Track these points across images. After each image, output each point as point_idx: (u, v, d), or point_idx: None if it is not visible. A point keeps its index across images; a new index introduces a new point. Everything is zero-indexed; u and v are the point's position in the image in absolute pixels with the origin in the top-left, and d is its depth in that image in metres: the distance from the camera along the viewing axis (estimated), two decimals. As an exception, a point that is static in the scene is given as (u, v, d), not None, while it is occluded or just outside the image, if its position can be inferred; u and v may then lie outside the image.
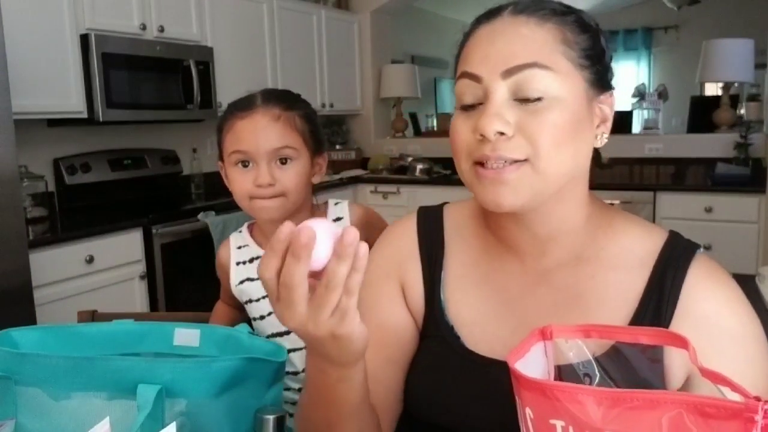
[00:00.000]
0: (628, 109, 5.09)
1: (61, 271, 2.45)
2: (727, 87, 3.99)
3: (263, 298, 1.18)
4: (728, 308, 0.69)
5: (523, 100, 0.66)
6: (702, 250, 0.73)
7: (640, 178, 3.95)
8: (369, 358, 0.65)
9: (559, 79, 0.67)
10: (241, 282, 1.22)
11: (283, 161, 1.11)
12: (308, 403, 0.68)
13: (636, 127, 5.29)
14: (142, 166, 3.37)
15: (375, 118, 4.92)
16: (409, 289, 0.82)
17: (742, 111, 4.68)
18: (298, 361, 1.17)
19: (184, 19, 3.26)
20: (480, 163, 0.68)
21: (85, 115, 2.80)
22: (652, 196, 3.55)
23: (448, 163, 4.30)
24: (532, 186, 0.67)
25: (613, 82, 0.74)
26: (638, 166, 4.07)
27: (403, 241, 0.84)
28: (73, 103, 2.75)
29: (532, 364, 0.58)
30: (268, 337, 1.18)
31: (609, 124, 0.73)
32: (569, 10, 0.71)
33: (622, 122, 4.61)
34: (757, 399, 0.44)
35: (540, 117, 0.66)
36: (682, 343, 0.57)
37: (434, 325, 0.79)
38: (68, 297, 2.45)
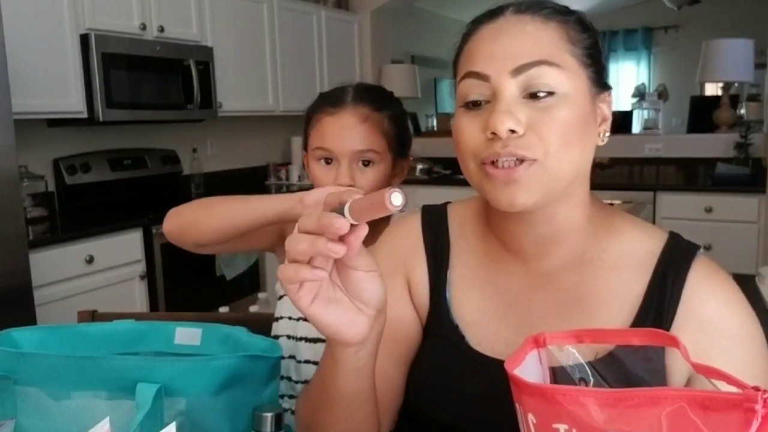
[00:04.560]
0: (628, 109, 5.10)
1: (61, 271, 2.45)
2: (727, 87, 3.99)
3: None
4: (729, 309, 0.70)
5: (532, 96, 0.66)
6: (702, 251, 0.74)
7: (640, 178, 3.95)
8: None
9: (566, 76, 0.66)
10: None
11: (366, 163, 1.09)
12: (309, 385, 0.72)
13: (636, 127, 5.30)
14: (142, 166, 3.36)
15: (375, 118, 4.91)
16: (415, 286, 0.82)
17: (742, 111, 4.67)
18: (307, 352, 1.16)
19: (184, 19, 3.26)
20: (488, 163, 0.67)
21: (85, 115, 2.79)
22: (652, 196, 3.55)
23: (448, 163, 4.30)
24: (542, 184, 0.67)
25: (610, 83, 0.74)
26: (638, 166, 4.07)
27: (408, 238, 0.84)
28: (73, 103, 2.75)
29: (529, 371, 0.57)
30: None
31: (609, 123, 0.73)
32: (569, 11, 0.72)
33: (622, 122, 4.62)
34: (756, 389, 0.45)
35: (550, 114, 0.65)
36: (672, 341, 0.57)
37: (438, 324, 0.79)
38: (68, 297, 2.45)
